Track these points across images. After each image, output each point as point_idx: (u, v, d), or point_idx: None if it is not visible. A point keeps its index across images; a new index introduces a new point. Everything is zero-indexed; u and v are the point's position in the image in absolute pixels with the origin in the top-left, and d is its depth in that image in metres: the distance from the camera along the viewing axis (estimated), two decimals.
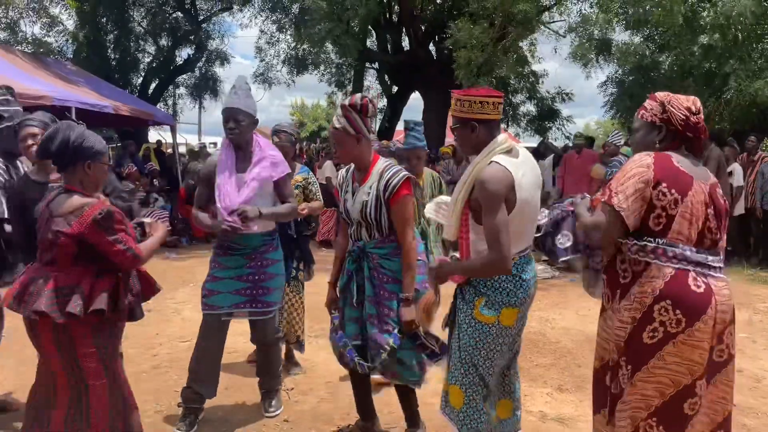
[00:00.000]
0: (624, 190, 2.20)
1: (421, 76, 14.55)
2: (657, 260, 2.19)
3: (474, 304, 2.51)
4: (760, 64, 9.32)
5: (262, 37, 16.52)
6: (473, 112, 2.49)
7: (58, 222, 2.32)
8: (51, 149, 2.38)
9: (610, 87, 13.04)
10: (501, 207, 2.34)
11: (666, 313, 2.15)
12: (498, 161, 2.41)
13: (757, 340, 5.14)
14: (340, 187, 3.08)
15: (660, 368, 2.18)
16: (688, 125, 2.27)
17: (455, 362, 2.53)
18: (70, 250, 2.32)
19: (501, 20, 10.96)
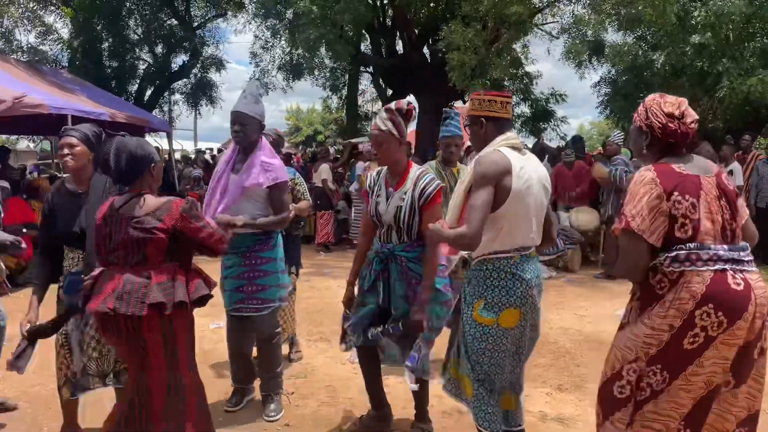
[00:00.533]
0: (640, 212, 2.16)
1: (415, 79, 14.59)
2: (693, 266, 2.14)
3: (473, 306, 2.57)
4: (752, 62, 9.39)
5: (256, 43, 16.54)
6: (482, 109, 2.65)
7: (148, 221, 2.47)
8: (122, 168, 2.55)
9: (604, 87, 13.12)
10: (487, 188, 2.44)
11: (708, 318, 2.10)
12: (500, 149, 2.54)
13: None
14: (371, 189, 3.17)
15: (697, 375, 2.15)
16: (667, 131, 2.25)
17: (464, 358, 2.64)
18: (163, 245, 2.48)
19: (494, 22, 11.01)
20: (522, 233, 2.56)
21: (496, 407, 2.62)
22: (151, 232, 2.46)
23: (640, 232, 2.15)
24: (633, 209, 2.18)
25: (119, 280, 2.44)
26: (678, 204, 2.16)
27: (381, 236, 3.14)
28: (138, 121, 11.18)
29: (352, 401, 3.85)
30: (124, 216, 2.50)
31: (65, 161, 3.04)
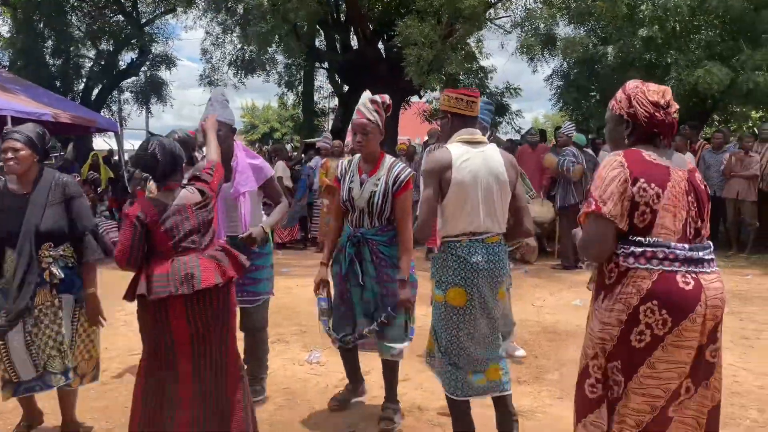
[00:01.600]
0: (611, 197, 2.10)
1: (371, 74, 14.51)
2: (648, 264, 2.08)
3: (432, 284, 2.88)
4: (698, 54, 9.64)
5: (207, 39, 16.20)
6: (450, 106, 2.90)
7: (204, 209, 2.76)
8: (167, 168, 2.72)
9: (556, 80, 13.32)
10: (429, 183, 2.76)
11: (652, 315, 2.05)
12: (447, 146, 2.82)
13: None
14: (342, 177, 3.37)
15: (651, 378, 2.09)
16: (654, 121, 2.16)
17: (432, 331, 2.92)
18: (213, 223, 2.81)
19: (448, 17, 11.03)
20: (467, 219, 2.77)
21: (460, 375, 2.80)
22: (210, 210, 2.77)
23: (611, 217, 2.09)
24: (603, 193, 2.12)
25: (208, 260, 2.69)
26: (643, 191, 2.09)
27: (353, 221, 3.33)
28: (84, 121, 10.81)
29: (310, 404, 3.76)
30: (184, 206, 2.72)
31: (10, 166, 2.94)
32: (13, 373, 2.95)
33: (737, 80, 9.19)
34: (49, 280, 2.97)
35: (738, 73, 9.25)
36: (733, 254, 8.52)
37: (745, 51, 9.42)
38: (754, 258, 8.26)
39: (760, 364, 4.30)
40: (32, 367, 2.95)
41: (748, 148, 8.52)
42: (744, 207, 8.49)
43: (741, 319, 5.43)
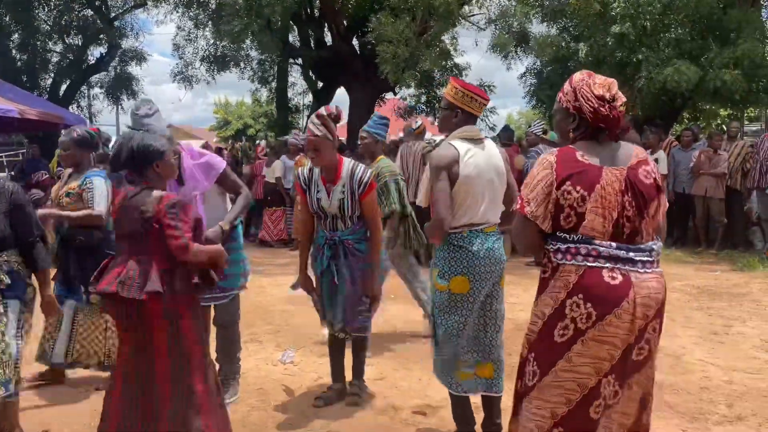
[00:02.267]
0: (535, 197, 2.13)
1: (345, 70, 14.46)
2: (574, 260, 2.10)
3: (432, 274, 2.99)
4: (668, 53, 9.77)
5: (179, 34, 15.97)
6: (461, 101, 2.94)
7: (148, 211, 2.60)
8: (121, 161, 2.69)
9: (530, 78, 13.38)
10: (441, 177, 2.83)
11: (577, 309, 2.07)
12: (451, 142, 2.90)
13: (676, 318, 5.37)
14: (306, 186, 3.47)
15: (567, 371, 2.10)
16: (598, 116, 2.12)
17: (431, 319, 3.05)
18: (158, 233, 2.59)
19: (422, 14, 11.02)
20: (471, 212, 2.88)
21: (451, 361, 2.94)
22: (149, 222, 2.59)
23: (533, 217, 2.14)
24: (530, 193, 2.15)
25: (124, 267, 2.60)
26: (567, 194, 2.09)
27: (327, 226, 3.48)
28: (51, 117, 10.55)
29: (284, 404, 3.73)
30: (131, 206, 2.64)
31: None
32: None
33: (705, 78, 9.33)
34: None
35: (706, 71, 9.40)
36: (702, 250, 8.67)
37: (713, 49, 9.58)
38: (722, 254, 8.42)
39: (729, 359, 4.37)
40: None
41: (717, 147, 8.67)
42: (712, 204, 8.64)
43: (710, 315, 5.52)
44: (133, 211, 2.63)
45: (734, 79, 8.96)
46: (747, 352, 4.53)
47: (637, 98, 10.46)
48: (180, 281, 2.65)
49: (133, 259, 2.61)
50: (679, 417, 3.44)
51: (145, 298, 2.54)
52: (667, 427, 3.31)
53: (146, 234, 2.61)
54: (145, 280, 2.55)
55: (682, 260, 8.09)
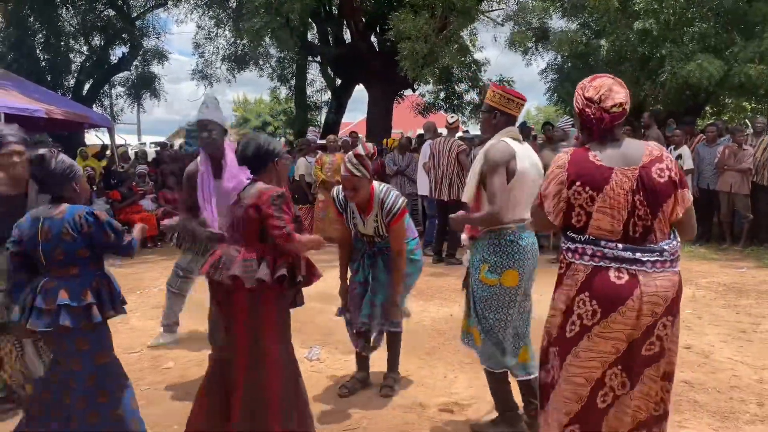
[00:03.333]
0: (549, 194, 2.27)
1: (364, 68, 14.46)
2: (581, 260, 2.20)
3: (480, 269, 3.03)
4: (692, 47, 9.64)
5: (199, 33, 16.10)
6: (501, 104, 3.10)
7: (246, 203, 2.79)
8: (249, 155, 2.88)
9: (550, 74, 13.30)
10: (500, 172, 2.91)
11: (583, 306, 2.17)
12: (504, 140, 3.01)
13: (703, 316, 5.32)
14: (343, 210, 3.68)
15: (575, 366, 2.20)
16: (583, 116, 2.25)
17: (474, 313, 3.08)
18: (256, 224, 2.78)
19: (442, 10, 10.98)
20: (522, 208, 2.96)
21: (497, 351, 3.05)
22: (247, 213, 2.76)
23: (548, 212, 2.28)
24: (546, 189, 2.30)
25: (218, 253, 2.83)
26: (577, 194, 2.19)
27: (365, 240, 3.71)
28: (76, 116, 10.72)
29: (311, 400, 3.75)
30: (239, 198, 2.88)
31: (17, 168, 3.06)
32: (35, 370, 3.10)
33: (730, 73, 9.20)
34: None
35: (731, 65, 9.27)
36: (727, 247, 8.56)
37: (738, 43, 9.44)
38: (748, 251, 8.30)
39: (759, 357, 4.32)
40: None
41: (741, 142, 8.55)
42: (737, 200, 8.53)
43: (737, 313, 5.45)
44: (240, 202, 2.86)
45: (759, 73, 8.82)
46: None
47: (660, 93, 10.35)
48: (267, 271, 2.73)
49: (229, 246, 2.84)
50: (710, 416, 3.42)
51: (230, 282, 2.71)
52: (699, 426, 3.29)
53: (244, 223, 2.79)
54: (230, 267, 2.72)
55: (707, 257, 8.00)
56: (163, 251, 9.73)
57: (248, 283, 2.68)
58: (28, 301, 2.64)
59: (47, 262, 2.67)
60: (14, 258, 2.72)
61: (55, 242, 2.64)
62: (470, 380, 4.04)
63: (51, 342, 2.78)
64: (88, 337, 2.69)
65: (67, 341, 2.67)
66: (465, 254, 3.61)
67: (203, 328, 4.49)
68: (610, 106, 2.20)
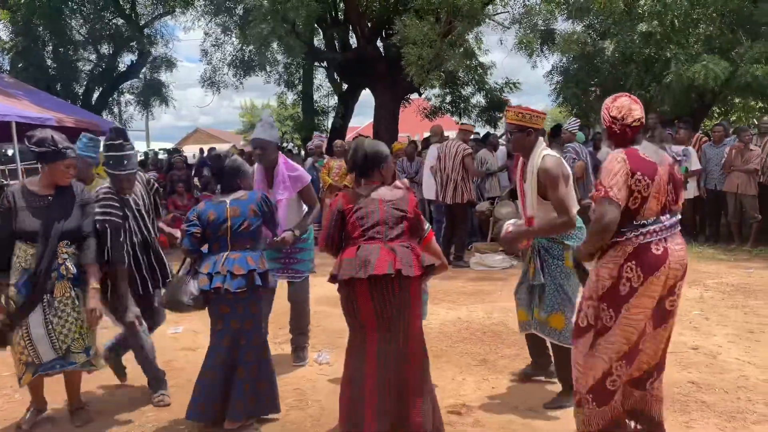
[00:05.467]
0: (617, 184, 2.73)
1: (370, 73, 14.53)
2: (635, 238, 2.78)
3: (564, 256, 3.52)
4: (697, 49, 9.64)
5: (206, 40, 16.22)
6: (531, 122, 3.52)
7: (400, 204, 3.06)
8: (358, 162, 3.15)
9: (556, 76, 13.30)
10: (561, 182, 3.40)
11: (631, 271, 2.77)
12: (548, 153, 3.47)
13: (710, 317, 5.33)
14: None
15: (628, 318, 2.79)
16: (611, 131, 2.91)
17: (555, 299, 3.52)
18: (413, 224, 3.09)
19: (447, 14, 11.03)
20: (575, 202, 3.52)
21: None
22: (405, 212, 3.05)
23: (617, 200, 2.71)
24: (611, 181, 2.74)
25: (387, 251, 2.94)
26: (638, 182, 2.75)
27: None
28: (88, 124, 10.80)
29: (320, 404, 3.80)
30: (378, 200, 3.06)
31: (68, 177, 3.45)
32: (36, 357, 3.29)
33: (736, 73, 9.19)
34: (65, 273, 3.34)
35: (737, 66, 9.25)
36: (735, 248, 8.54)
37: (744, 44, 9.43)
38: (756, 252, 8.28)
39: (766, 358, 4.33)
40: (52, 350, 3.31)
41: (747, 142, 8.53)
42: (745, 200, 8.51)
43: (745, 313, 5.46)
44: (382, 203, 3.05)
45: (766, 73, 8.80)
46: None
47: (666, 95, 10.34)
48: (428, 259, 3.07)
49: (390, 244, 2.98)
50: (717, 416, 3.43)
51: (418, 274, 2.96)
52: (706, 427, 3.31)
53: (405, 223, 3.06)
54: (414, 259, 2.96)
55: (715, 258, 7.99)
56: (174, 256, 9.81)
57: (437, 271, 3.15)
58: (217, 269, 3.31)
59: (234, 236, 3.37)
60: (196, 237, 3.41)
61: (242, 218, 3.37)
62: (478, 383, 4.07)
63: (225, 306, 3.36)
64: (256, 301, 3.41)
65: (243, 304, 3.35)
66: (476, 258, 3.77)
67: None
68: (631, 122, 2.84)
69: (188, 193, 11.27)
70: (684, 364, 4.20)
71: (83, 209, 3.46)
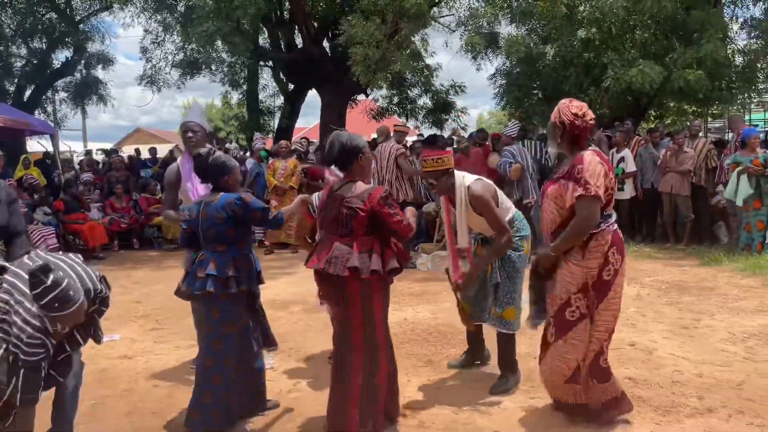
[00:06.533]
0: (600, 184, 3.06)
1: (316, 73, 14.42)
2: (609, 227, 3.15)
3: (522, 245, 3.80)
4: (633, 54, 9.98)
5: (146, 37, 15.75)
6: (448, 163, 3.73)
7: (354, 202, 3.05)
8: (335, 154, 3.16)
9: (500, 78, 13.51)
10: (493, 203, 3.63)
11: (614, 256, 3.14)
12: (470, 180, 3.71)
13: (647, 314, 5.50)
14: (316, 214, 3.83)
15: (614, 298, 3.17)
16: (573, 126, 3.18)
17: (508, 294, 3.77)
18: (365, 222, 3.05)
19: (393, 16, 11.05)
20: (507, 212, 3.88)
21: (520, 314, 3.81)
22: (355, 211, 3.03)
23: (602, 199, 3.07)
24: (597, 181, 3.04)
25: (331, 247, 3.06)
26: (611, 180, 3.14)
27: None
28: (17, 123, 10.34)
29: None
30: (338, 197, 3.11)
31: None
32: None
33: (670, 78, 9.56)
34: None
35: (671, 71, 9.62)
36: (670, 246, 8.87)
37: (677, 50, 9.82)
38: (689, 249, 8.62)
39: (699, 352, 4.49)
40: None
41: (681, 144, 8.88)
42: (679, 201, 8.85)
43: (680, 309, 5.65)
44: (339, 200, 3.10)
45: (698, 78, 9.18)
46: (716, 345, 4.66)
47: (604, 98, 10.66)
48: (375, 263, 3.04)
49: (338, 241, 3.06)
50: (653, 411, 3.53)
51: (348, 274, 2.98)
52: (642, 421, 3.40)
53: (352, 220, 3.05)
54: (347, 260, 3.00)
55: (651, 256, 8.27)
56: (113, 260, 9.49)
57: (364, 273, 2.99)
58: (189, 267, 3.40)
59: (204, 238, 3.36)
60: (185, 233, 3.51)
61: (209, 222, 3.31)
62: (423, 384, 4.07)
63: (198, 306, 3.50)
64: (219, 306, 3.31)
65: (205, 307, 3.37)
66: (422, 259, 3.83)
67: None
68: (589, 119, 3.19)
69: (127, 195, 10.91)
70: (622, 361, 4.31)
71: (9, 205, 3.36)
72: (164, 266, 8.85)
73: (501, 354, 3.95)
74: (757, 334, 4.83)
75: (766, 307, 5.59)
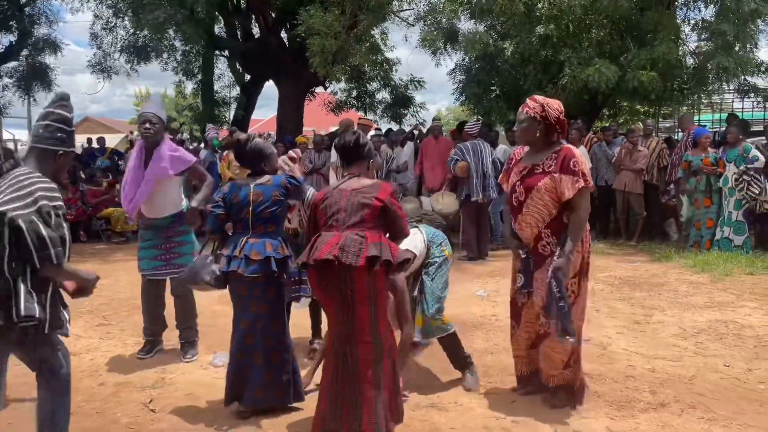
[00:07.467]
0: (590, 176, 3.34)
1: (274, 64, 14.17)
2: None
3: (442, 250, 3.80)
4: (590, 52, 10.11)
5: (96, 23, 15.18)
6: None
7: (367, 191, 3.07)
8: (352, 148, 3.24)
9: (459, 74, 13.53)
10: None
11: (588, 240, 3.43)
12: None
13: (600, 309, 5.57)
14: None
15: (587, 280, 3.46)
16: (560, 121, 3.37)
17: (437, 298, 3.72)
18: (377, 213, 3.04)
19: (352, 8, 10.92)
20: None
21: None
22: (369, 200, 3.03)
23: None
24: (589, 176, 3.30)
25: (337, 237, 2.95)
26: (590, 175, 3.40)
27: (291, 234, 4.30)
28: None
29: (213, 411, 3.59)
30: (345, 189, 3.10)
31: None
32: None
33: (624, 78, 9.72)
34: None
35: (625, 71, 9.79)
36: (622, 243, 9.05)
37: (632, 50, 9.99)
38: (641, 246, 8.81)
39: (651, 347, 4.56)
40: None
41: (635, 143, 9.06)
42: (632, 198, 9.03)
43: (632, 305, 5.75)
44: (348, 191, 3.09)
45: (651, 79, 9.37)
46: (667, 340, 4.74)
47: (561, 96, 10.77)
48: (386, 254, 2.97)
49: (347, 231, 2.98)
50: (608, 406, 3.55)
51: (362, 264, 2.88)
52: (597, 416, 3.41)
53: (365, 211, 3.03)
54: (360, 249, 2.91)
55: (604, 252, 8.41)
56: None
57: (385, 256, 2.95)
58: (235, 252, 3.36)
59: (255, 219, 3.41)
60: (220, 219, 3.51)
61: (265, 203, 3.40)
62: None
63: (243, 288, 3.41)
64: (274, 286, 3.43)
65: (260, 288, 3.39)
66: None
67: None
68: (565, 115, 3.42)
69: (73, 186, 10.50)
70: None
71: None
72: (112, 260, 8.56)
73: (451, 356, 3.92)
74: (707, 330, 4.94)
75: (714, 302, 5.73)
